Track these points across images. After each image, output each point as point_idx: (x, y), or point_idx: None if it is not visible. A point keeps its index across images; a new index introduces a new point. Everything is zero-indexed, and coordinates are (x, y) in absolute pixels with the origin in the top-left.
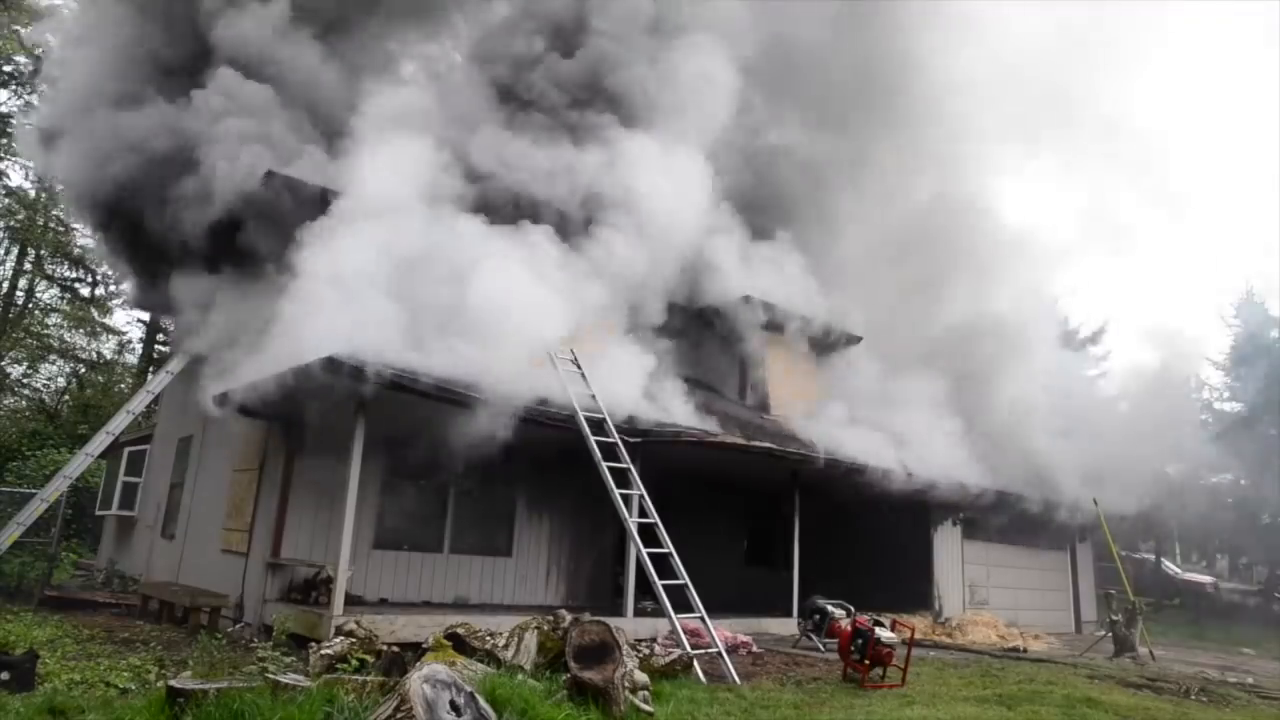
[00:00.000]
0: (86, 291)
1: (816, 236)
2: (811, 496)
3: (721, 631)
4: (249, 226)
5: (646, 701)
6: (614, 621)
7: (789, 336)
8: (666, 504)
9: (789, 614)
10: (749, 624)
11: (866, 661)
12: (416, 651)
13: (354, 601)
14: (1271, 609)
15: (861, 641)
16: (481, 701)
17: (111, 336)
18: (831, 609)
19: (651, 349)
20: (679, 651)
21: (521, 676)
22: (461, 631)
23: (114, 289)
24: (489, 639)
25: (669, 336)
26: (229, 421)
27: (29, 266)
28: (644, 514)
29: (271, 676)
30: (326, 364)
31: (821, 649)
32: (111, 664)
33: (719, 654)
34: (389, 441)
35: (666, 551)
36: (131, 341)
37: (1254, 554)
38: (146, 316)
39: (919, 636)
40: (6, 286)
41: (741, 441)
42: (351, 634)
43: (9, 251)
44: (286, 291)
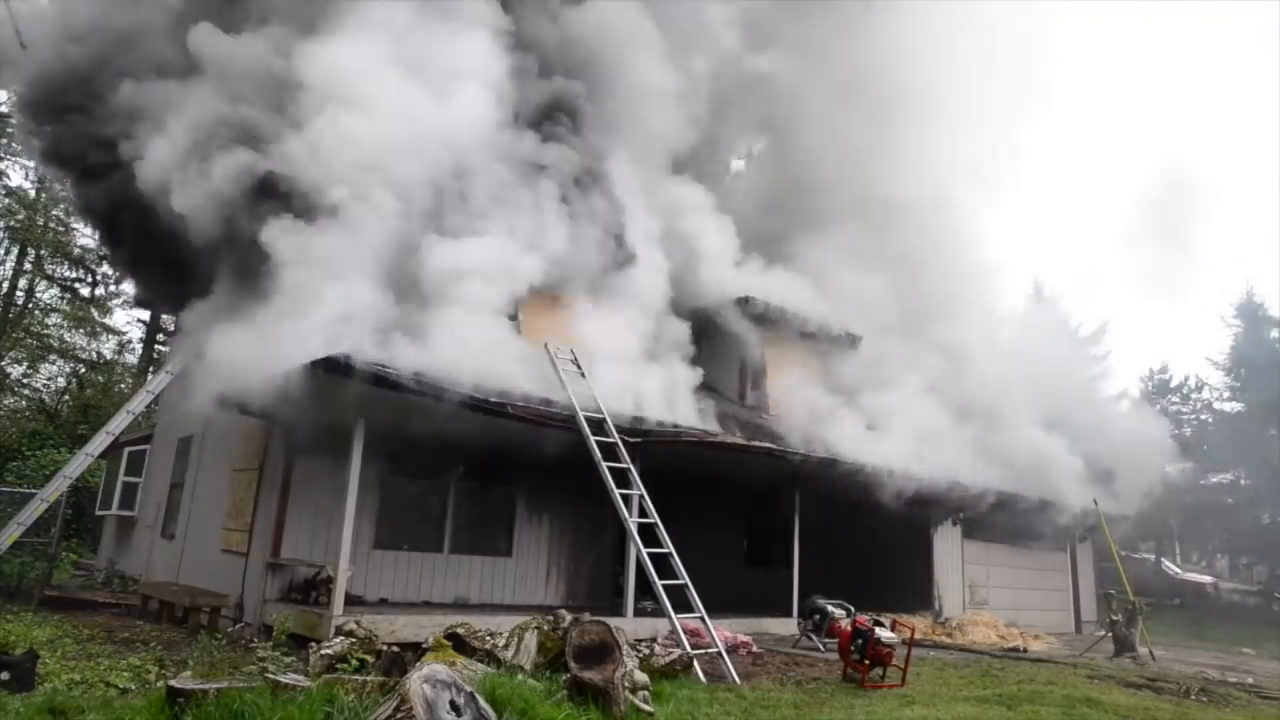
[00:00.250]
0: (86, 291)
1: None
2: (811, 496)
3: (721, 631)
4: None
5: (646, 701)
6: (614, 621)
7: (789, 336)
8: (666, 504)
9: (789, 614)
10: (749, 624)
11: (866, 661)
12: (416, 651)
13: (354, 601)
14: (1271, 609)
15: (861, 641)
16: (481, 701)
17: (111, 336)
18: (831, 609)
19: (652, 349)
20: (679, 651)
21: (521, 676)
22: (461, 631)
23: (114, 289)
24: (489, 639)
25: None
26: (229, 421)
27: (29, 266)
28: (644, 514)
29: (271, 676)
30: (326, 364)
31: (821, 649)
32: (111, 664)
33: (719, 654)
34: (389, 441)
35: (666, 551)
36: (131, 341)
37: (1254, 554)
38: (146, 316)
39: (919, 636)
40: (6, 286)
41: (741, 441)
42: (351, 634)
43: (9, 251)
44: (281, 289)
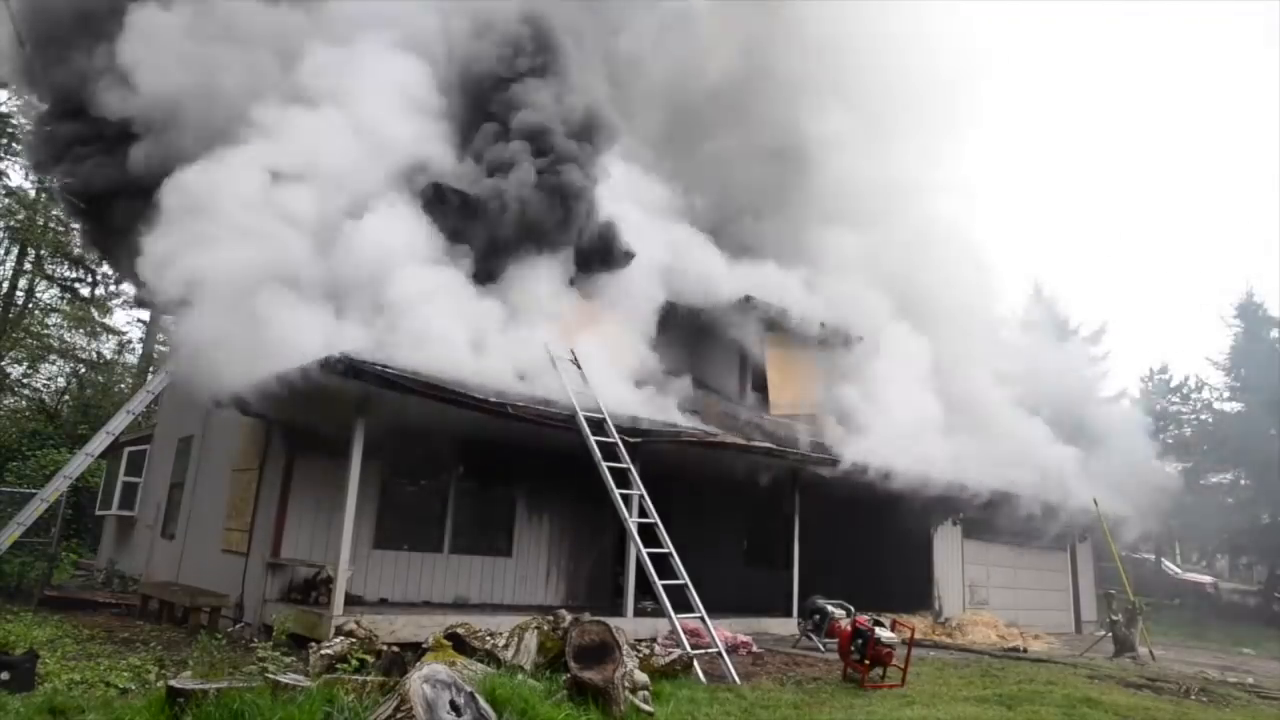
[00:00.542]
0: (86, 291)
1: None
2: (811, 496)
3: (721, 631)
4: None
5: (646, 701)
6: (614, 621)
7: (789, 336)
8: (666, 504)
9: (789, 614)
10: (749, 624)
11: (866, 661)
12: (416, 651)
13: (354, 601)
14: (1271, 609)
15: (861, 641)
16: (481, 701)
17: (111, 336)
18: (831, 609)
19: (652, 349)
20: (679, 651)
21: (521, 676)
22: (461, 631)
23: (114, 289)
24: (489, 639)
25: (669, 336)
26: (229, 421)
27: (29, 266)
28: (644, 514)
29: (271, 676)
30: (325, 364)
31: (821, 649)
32: (111, 664)
33: (719, 654)
34: (389, 441)
35: (666, 551)
36: (131, 341)
37: (1254, 554)
38: (146, 316)
39: (919, 636)
40: (6, 286)
41: (741, 441)
42: (351, 634)
43: (9, 251)
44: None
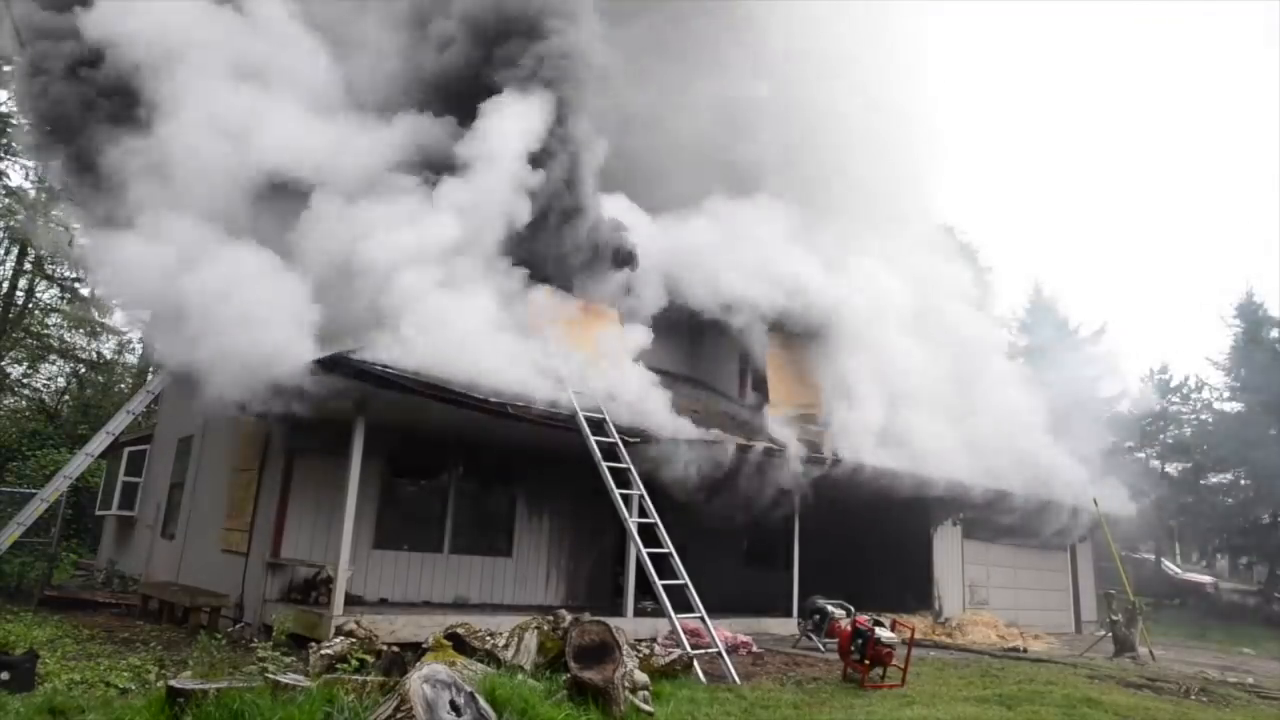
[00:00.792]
0: (86, 291)
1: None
2: (811, 496)
3: (721, 631)
4: None
5: (646, 701)
6: (614, 621)
7: (789, 335)
8: (667, 504)
9: (789, 614)
10: (749, 624)
11: (866, 661)
12: (416, 651)
13: (354, 601)
14: (1271, 609)
15: (861, 641)
16: (481, 701)
17: (111, 336)
18: (831, 609)
19: (652, 348)
20: (679, 651)
21: (521, 676)
22: (461, 631)
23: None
24: (489, 639)
25: (669, 336)
26: (229, 421)
27: (29, 266)
28: (644, 514)
29: (271, 676)
30: (326, 364)
31: (821, 649)
32: (111, 664)
33: (719, 654)
34: (389, 441)
35: (666, 551)
36: (131, 341)
37: (1254, 554)
38: (147, 316)
39: (919, 636)
40: (6, 286)
41: (741, 441)
42: (351, 634)
43: (9, 251)
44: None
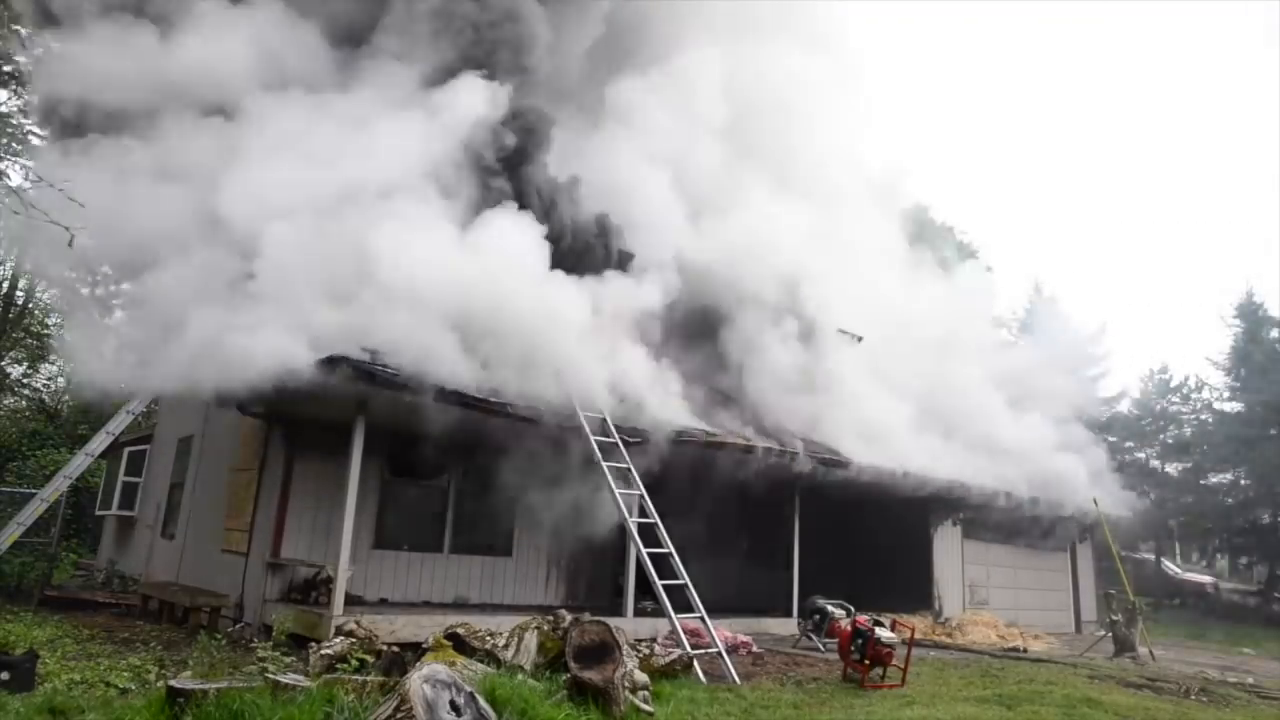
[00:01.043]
0: (86, 291)
1: None
2: (811, 496)
3: (721, 631)
4: None
5: (646, 701)
6: (614, 621)
7: (789, 335)
8: (666, 504)
9: (789, 614)
10: (749, 624)
11: (866, 661)
12: (416, 651)
13: (354, 601)
14: (1271, 609)
15: (861, 641)
16: (481, 701)
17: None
18: (831, 609)
19: (652, 348)
20: (679, 651)
21: (521, 676)
22: (461, 631)
23: (114, 288)
24: (489, 639)
25: (669, 335)
26: (229, 421)
27: (29, 266)
28: (644, 514)
29: (271, 676)
30: (326, 363)
31: (821, 649)
32: (111, 664)
33: (719, 654)
34: (389, 441)
35: (666, 551)
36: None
37: (1254, 554)
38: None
39: (919, 636)
40: (6, 286)
41: (741, 441)
42: (351, 634)
43: (9, 251)
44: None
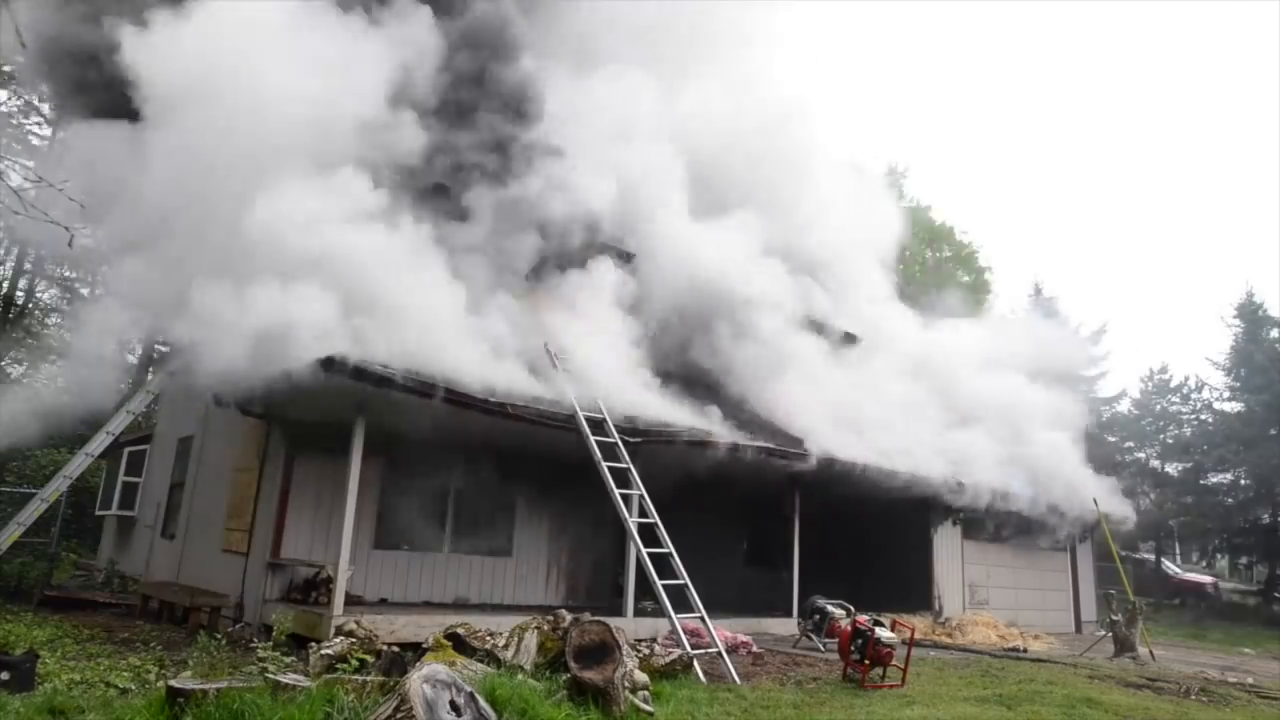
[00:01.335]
0: (86, 291)
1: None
2: (811, 496)
3: (721, 631)
4: None
5: (646, 701)
6: (614, 621)
7: (788, 335)
8: (666, 504)
9: (789, 614)
10: (749, 624)
11: (866, 661)
12: (416, 651)
13: (354, 601)
14: (1271, 609)
15: (861, 641)
16: (481, 701)
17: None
18: (831, 609)
19: (651, 348)
20: (679, 651)
21: (521, 676)
22: (461, 631)
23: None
24: (489, 639)
25: (669, 334)
26: (229, 421)
27: (29, 267)
28: (644, 514)
29: (271, 676)
30: (325, 364)
31: (821, 649)
32: (111, 664)
33: (719, 654)
34: (389, 441)
35: (666, 551)
36: (131, 341)
37: (1254, 554)
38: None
39: (919, 636)
40: (6, 286)
41: (741, 441)
42: (351, 634)
43: (9, 251)
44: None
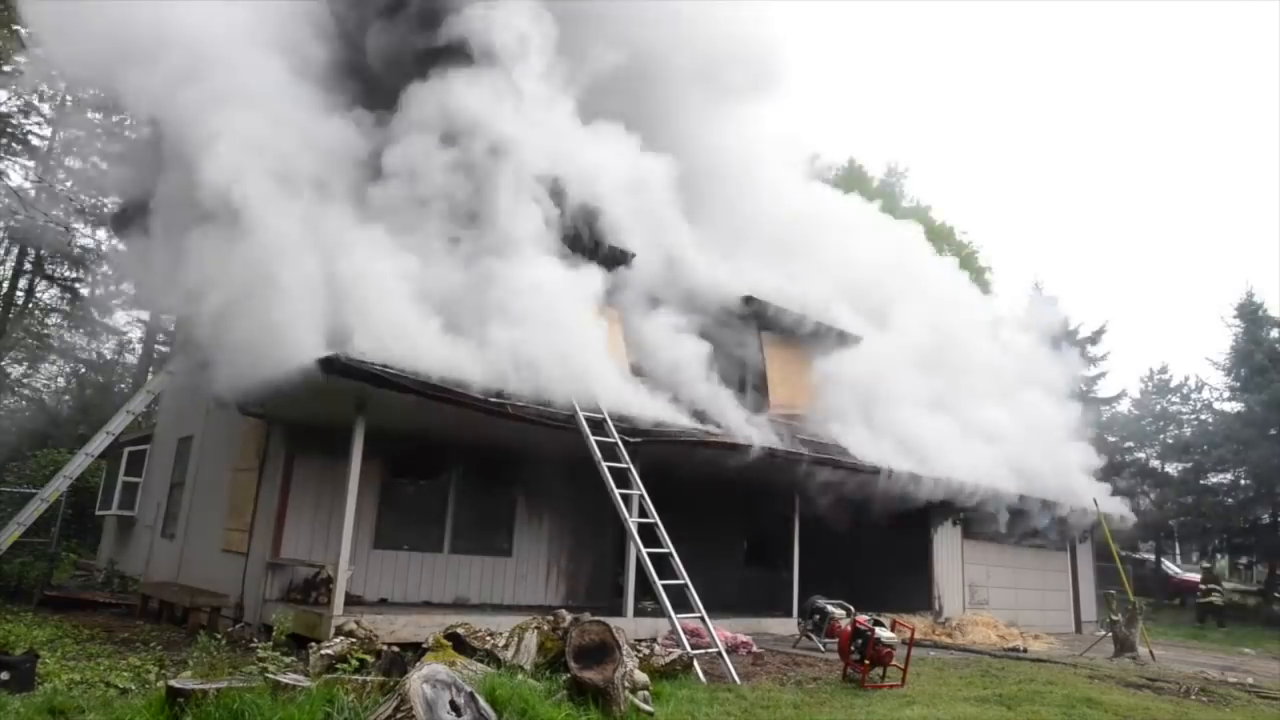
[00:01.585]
0: (86, 291)
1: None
2: (811, 496)
3: (721, 631)
4: None
5: (646, 701)
6: (614, 621)
7: (789, 334)
8: (666, 504)
9: (789, 614)
10: (749, 624)
11: (866, 661)
12: (416, 651)
13: (354, 601)
14: (1271, 609)
15: (861, 641)
16: (481, 701)
17: (111, 336)
18: (831, 609)
19: (651, 347)
20: (679, 651)
21: (521, 676)
22: (461, 631)
23: (114, 289)
24: (489, 639)
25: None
26: (229, 421)
27: (29, 266)
28: (644, 514)
29: (271, 676)
30: (324, 364)
31: (821, 649)
32: (111, 664)
33: (719, 654)
34: (389, 441)
35: (666, 551)
36: (131, 341)
37: (1254, 554)
38: (146, 316)
39: (919, 636)
40: (6, 286)
41: (741, 441)
42: (351, 634)
43: (9, 251)
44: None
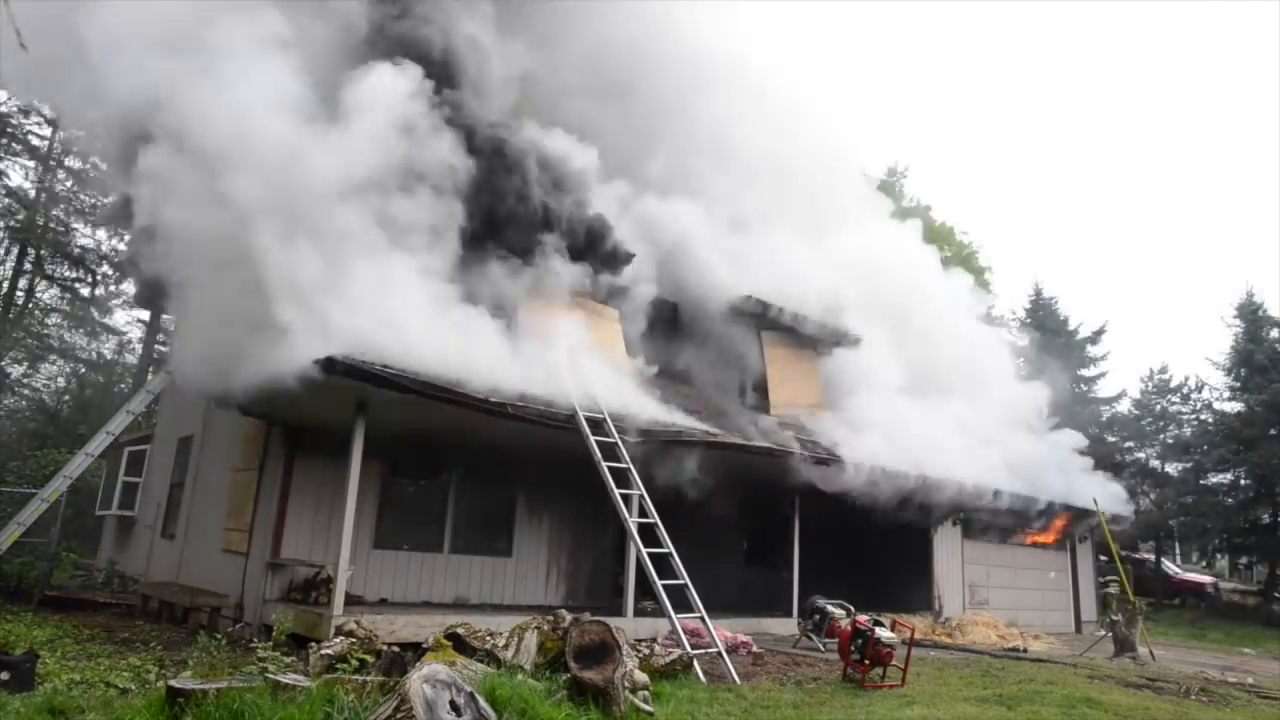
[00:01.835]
0: (86, 291)
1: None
2: (811, 496)
3: (721, 631)
4: None
5: (646, 701)
6: (614, 621)
7: (789, 335)
8: (666, 504)
9: (789, 614)
10: (749, 624)
11: (866, 661)
12: (416, 651)
13: (354, 601)
14: (1271, 609)
15: (861, 641)
16: (481, 701)
17: (111, 336)
18: (831, 609)
19: (651, 347)
20: (679, 651)
21: (521, 676)
22: (461, 631)
23: (114, 289)
24: (489, 639)
25: (668, 334)
26: (229, 421)
27: (29, 266)
28: (644, 514)
29: (271, 676)
30: (324, 364)
31: (821, 649)
32: (111, 664)
33: (719, 654)
34: (389, 441)
35: (666, 551)
36: (131, 341)
37: (1254, 554)
38: (146, 316)
39: (919, 636)
40: (6, 286)
41: (740, 441)
42: (351, 634)
43: (9, 251)
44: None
